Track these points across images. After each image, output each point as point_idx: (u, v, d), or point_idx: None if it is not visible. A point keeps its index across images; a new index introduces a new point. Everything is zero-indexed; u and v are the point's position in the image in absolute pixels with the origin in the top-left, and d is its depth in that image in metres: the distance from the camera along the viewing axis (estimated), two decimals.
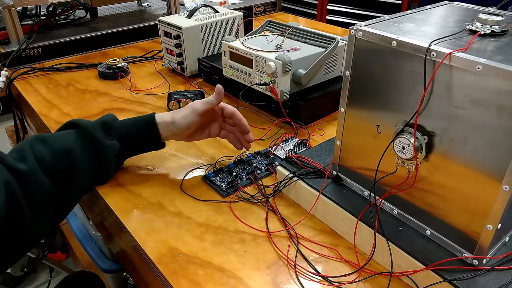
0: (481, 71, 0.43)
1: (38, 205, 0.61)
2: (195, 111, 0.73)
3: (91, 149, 0.67)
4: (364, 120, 0.59)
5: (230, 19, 1.16)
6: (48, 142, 0.65)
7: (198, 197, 0.71)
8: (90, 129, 0.68)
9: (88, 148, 0.67)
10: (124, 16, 1.60)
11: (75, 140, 0.66)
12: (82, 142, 0.67)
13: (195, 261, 0.59)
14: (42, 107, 1.02)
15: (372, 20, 0.57)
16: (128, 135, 0.72)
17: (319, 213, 0.66)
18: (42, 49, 1.28)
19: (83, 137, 0.67)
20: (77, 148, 0.66)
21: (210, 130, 0.78)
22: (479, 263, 0.51)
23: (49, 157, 0.63)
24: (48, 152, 0.63)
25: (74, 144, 0.66)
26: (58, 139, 0.66)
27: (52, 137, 0.66)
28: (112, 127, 0.70)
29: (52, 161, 0.63)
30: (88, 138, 0.67)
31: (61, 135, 0.68)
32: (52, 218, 0.64)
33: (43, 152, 0.63)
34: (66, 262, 1.64)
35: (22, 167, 0.60)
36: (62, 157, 0.64)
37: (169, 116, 0.73)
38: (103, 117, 0.72)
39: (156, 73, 1.20)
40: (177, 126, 0.73)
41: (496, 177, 0.46)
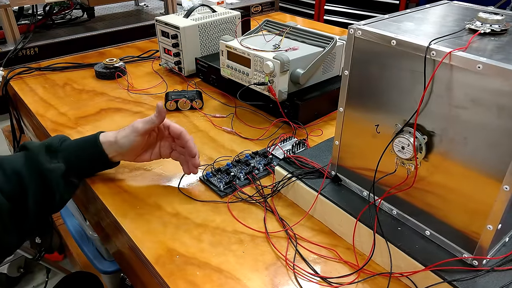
0: (482, 70, 0.43)
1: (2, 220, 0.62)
2: (135, 130, 0.69)
3: (36, 171, 0.66)
4: (363, 119, 0.58)
5: (227, 18, 1.16)
6: (1, 164, 0.65)
7: (195, 198, 0.70)
8: (34, 152, 0.67)
9: (34, 171, 0.66)
10: (121, 15, 1.59)
11: (23, 163, 0.66)
12: (29, 165, 0.66)
13: (193, 262, 0.58)
14: (39, 107, 1.01)
15: (371, 19, 0.56)
16: (74, 156, 0.69)
17: (317, 213, 0.66)
18: (38, 49, 1.27)
19: (29, 160, 0.67)
20: (25, 170, 0.65)
21: (160, 150, 0.75)
22: (479, 264, 0.51)
23: (2, 179, 0.63)
24: (1, 174, 0.64)
25: (21, 166, 0.65)
26: (11, 161, 0.66)
27: (6, 160, 0.66)
28: (57, 149, 0.69)
29: (4, 182, 0.63)
30: (33, 160, 0.66)
31: (14, 157, 0.68)
32: (17, 231, 0.64)
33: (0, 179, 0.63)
34: (63, 263, 1.64)
35: None
36: (13, 179, 0.64)
37: (112, 136, 0.71)
38: (49, 139, 0.71)
39: (153, 73, 1.19)
40: (120, 146, 0.70)
41: (496, 177, 0.45)
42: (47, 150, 0.68)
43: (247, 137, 0.87)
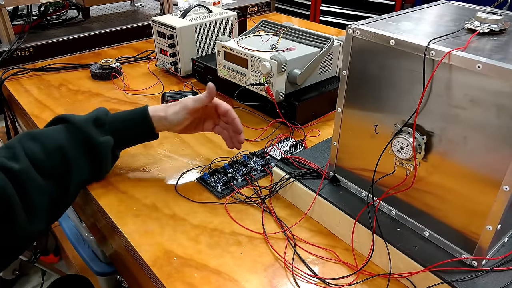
0: (481, 70, 0.42)
1: (33, 205, 0.59)
2: (186, 108, 0.72)
3: (84, 145, 0.66)
4: (361, 120, 0.58)
5: (224, 19, 1.15)
6: (39, 139, 0.63)
7: (193, 199, 0.70)
8: (81, 125, 0.66)
9: (81, 145, 0.65)
10: (117, 16, 1.58)
11: (66, 137, 0.65)
12: (74, 139, 0.65)
13: (190, 263, 0.58)
14: (34, 108, 1.00)
15: (369, 19, 0.56)
16: (122, 129, 0.71)
17: (316, 214, 0.65)
18: (33, 49, 1.27)
19: (74, 133, 0.66)
20: (69, 145, 0.64)
21: (204, 125, 0.78)
22: (478, 264, 0.51)
23: (42, 155, 0.61)
24: (40, 150, 0.61)
25: (65, 141, 0.64)
26: (49, 135, 0.64)
27: (43, 134, 0.64)
28: (105, 122, 0.69)
29: (45, 159, 0.61)
30: (80, 134, 0.66)
31: (52, 131, 0.66)
32: (48, 217, 0.63)
33: (34, 149, 0.61)
34: (59, 265, 1.62)
35: (14, 166, 0.58)
36: (55, 155, 0.62)
37: (162, 111, 0.72)
38: (95, 112, 0.70)
39: (149, 74, 1.19)
40: (169, 121, 0.72)
41: (495, 177, 0.45)
42: (95, 123, 0.68)
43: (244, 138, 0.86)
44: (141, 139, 0.76)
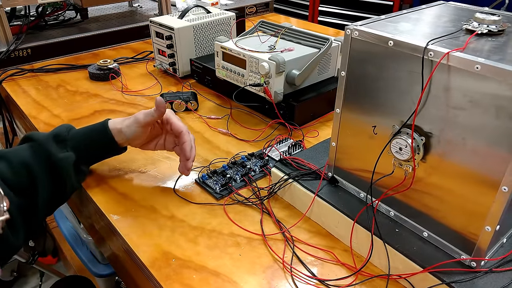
0: (480, 70, 0.42)
1: (12, 219, 0.59)
2: (137, 121, 0.70)
3: (46, 162, 0.65)
4: (360, 121, 0.58)
5: (222, 19, 1.15)
6: (6, 157, 0.64)
7: (191, 200, 0.69)
8: (42, 142, 0.66)
9: (43, 162, 0.65)
10: (115, 16, 1.58)
11: (29, 154, 0.65)
12: (37, 156, 0.65)
13: (189, 265, 0.57)
14: (32, 108, 1.00)
15: (368, 20, 0.56)
16: (83, 144, 0.69)
17: (314, 215, 0.65)
18: (31, 50, 1.26)
19: (37, 151, 0.66)
20: (34, 162, 0.64)
21: (165, 142, 0.75)
22: (477, 265, 0.50)
23: (9, 173, 0.62)
24: (7, 168, 0.62)
25: (30, 158, 0.65)
26: (16, 154, 0.65)
27: (10, 152, 0.65)
28: (65, 138, 0.68)
29: (12, 176, 0.62)
30: (42, 151, 0.66)
31: (18, 149, 0.67)
32: (24, 231, 0.63)
33: (2, 168, 0.62)
34: (57, 266, 1.62)
35: None
36: (21, 172, 0.63)
37: (119, 123, 0.71)
38: (56, 129, 0.70)
39: (147, 74, 1.19)
40: (125, 135, 0.71)
41: (494, 178, 0.45)
42: (55, 139, 0.68)
43: (242, 139, 0.87)
44: (105, 153, 0.74)
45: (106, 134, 0.70)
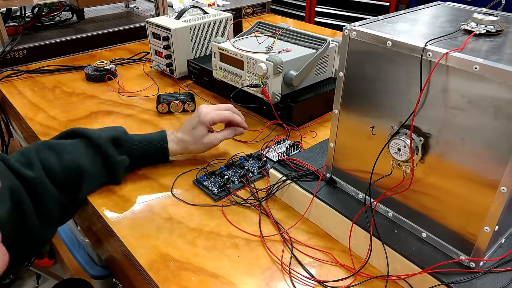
0: (479, 71, 0.42)
1: (46, 213, 0.61)
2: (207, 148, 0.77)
3: (102, 162, 0.68)
4: (358, 121, 0.58)
5: (219, 20, 1.15)
6: (57, 150, 0.65)
7: (189, 202, 0.69)
8: (101, 143, 0.68)
9: (99, 162, 0.68)
10: (111, 17, 1.58)
11: (84, 153, 0.67)
12: (93, 156, 0.67)
13: (187, 267, 0.57)
14: (28, 110, 0.99)
15: (365, 20, 0.56)
16: (138, 154, 0.73)
17: (313, 216, 0.65)
18: (27, 51, 1.25)
19: (93, 150, 0.68)
20: (87, 161, 0.66)
21: None
22: (476, 266, 0.50)
23: (57, 167, 0.63)
24: (56, 162, 0.63)
25: (83, 156, 0.66)
26: (67, 149, 0.66)
27: (60, 146, 0.66)
28: (123, 144, 0.71)
29: (60, 171, 0.63)
30: (100, 152, 0.68)
31: (70, 145, 0.68)
32: (57, 224, 0.65)
33: (51, 160, 0.63)
34: (54, 268, 1.61)
35: (29, 173, 0.60)
36: (70, 169, 0.65)
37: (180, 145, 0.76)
38: (114, 132, 0.72)
39: (144, 75, 1.18)
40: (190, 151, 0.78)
41: (493, 178, 0.45)
42: (114, 143, 0.70)
43: (240, 140, 0.86)
44: (153, 163, 0.78)
45: (163, 152, 0.75)
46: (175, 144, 0.75)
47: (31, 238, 0.60)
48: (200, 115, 0.74)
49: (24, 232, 0.58)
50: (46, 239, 0.65)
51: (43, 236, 0.62)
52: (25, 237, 0.59)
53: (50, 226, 0.63)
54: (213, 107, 0.77)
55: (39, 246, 0.65)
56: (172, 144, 0.75)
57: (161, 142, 0.75)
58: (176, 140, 0.76)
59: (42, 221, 0.60)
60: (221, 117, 0.76)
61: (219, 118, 0.76)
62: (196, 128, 0.75)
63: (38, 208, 0.60)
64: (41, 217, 0.60)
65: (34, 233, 0.60)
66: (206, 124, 0.74)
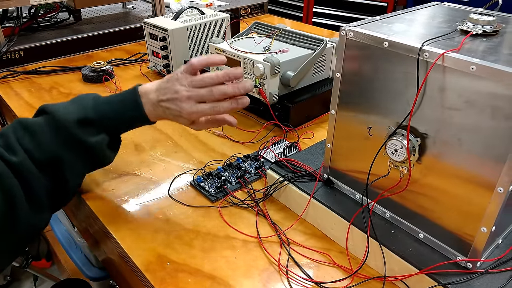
0: (475, 71, 0.42)
1: (35, 196, 0.58)
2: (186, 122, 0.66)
3: (75, 147, 0.61)
4: (355, 122, 0.58)
5: (216, 20, 1.15)
6: (31, 129, 0.60)
7: (186, 203, 0.69)
8: (67, 126, 0.61)
9: (72, 146, 0.61)
10: (108, 18, 1.57)
11: (52, 136, 0.61)
12: (64, 141, 0.61)
13: (184, 268, 0.57)
14: (24, 111, 0.99)
15: (362, 21, 0.56)
16: (114, 124, 0.64)
17: (310, 217, 0.65)
18: (24, 52, 1.25)
19: (62, 135, 0.61)
20: (60, 146, 0.61)
21: None
22: (473, 266, 0.50)
23: (34, 147, 0.59)
24: (32, 142, 0.59)
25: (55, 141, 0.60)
26: (40, 128, 0.61)
27: (34, 125, 0.61)
28: (93, 121, 0.62)
29: (37, 151, 0.59)
30: (67, 135, 0.61)
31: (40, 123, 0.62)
32: (50, 205, 0.62)
33: (28, 143, 0.59)
34: (51, 270, 1.61)
35: (13, 159, 0.57)
36: (48, 153, 0.60)
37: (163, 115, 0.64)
38: (80, 111, 0.63)
39: (141, 76, 1.18)
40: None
41: (490, 179, 0.45)
42: (83, 123, 0.62)
43: (238, 141, 0.86)
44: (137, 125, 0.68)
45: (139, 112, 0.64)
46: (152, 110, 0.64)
47: (22, 224, 0.57)
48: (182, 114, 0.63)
49: (15, 218, 0.56)
50: (39, 226, 0.61)
51: (36, 220, 0.59)
52: (16, 221, 0.57)
53: (41, 211, 0.59)
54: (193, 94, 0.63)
55: (32, 233, 0.61)
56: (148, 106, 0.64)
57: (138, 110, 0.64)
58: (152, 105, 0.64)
59: (32, 205, 0.58)
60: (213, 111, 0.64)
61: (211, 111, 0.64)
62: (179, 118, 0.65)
63: (26, 193, 0.57)
64: (31, 201, 0.58)
65: (25, 218, 0.57)
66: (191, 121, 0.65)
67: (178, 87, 0.64)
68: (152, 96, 0.64)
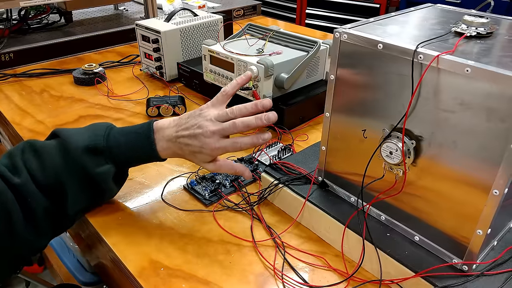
0: (470, 73, 0.42)
1: (35, 219, 0.58)
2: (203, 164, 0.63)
3: (79, 174, 0.60)
4: (349, 124, 0.57)
5: (209, 22, 1.14)
6: (40, 153, 0.60)
7: (180, 207, 0.68)
8: (76, 155, 0.60)
9: (76, 173, 0.60)
10: (100, 20, 1.56)
11: (61, 162, 0.60)
12: (68, 165, 0.60)
13: (178, 274, 0.56)
14: (15, 115, 0.97)
15: (356, 23, 0.56)
16: (124, 157, 0.62)
17: (305, 220, 0.65)
18: (14, 54, 1.23)
19: (68, 161, 0.60)
20: (64, 169, 0.60)
21: None
22: (469, 269, 0.50)
23: (40, 170, 0.59)
24: (39, 165, 0.59)
25: (60, 165, 0.60)
26: (49, 152, 0.60)
27: (44, 148, 0.61)
28: (103, 151, 0.61)
29: (42, 175, 0.59)
30: (75, 163, 0.60)
31: (50, 147, 0.61)
32: (49, 231, 0.61)
33: (33, 164, 0.59)
34: (43, 275, 1.59)
35: (15, 180, 0.57)
36: (51, 174, 0.59)
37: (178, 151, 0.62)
38: (91, 138, 0.61)
39: (134, 78, 1.17)
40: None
41: (485, 181, 0.45)
42: (92, 152, 0.60)
43: None
44: (147, 161, 0.66)
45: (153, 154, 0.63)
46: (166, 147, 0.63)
47: (19, 246, 0.58)
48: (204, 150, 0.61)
49: (12, 239, 0.56)
50: (35, 246, 0.61)
51: (32, 240, 0.59)
52: (13, 244, 0.57)
53: (40, 233, 0.59)
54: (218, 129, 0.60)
55: (30, 254, 0.62)
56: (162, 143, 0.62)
57: (149, 146, 0.62)
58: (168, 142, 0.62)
59: (31, 228, 0.58)
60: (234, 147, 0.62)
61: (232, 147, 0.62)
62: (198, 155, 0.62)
63: (26, 215, 0.57)
64: (30, 224, 0.58)
65: (22, 240, 0.57)
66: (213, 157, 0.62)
67: (203, 122, 0.61)
68: (168, 132, 0.62)
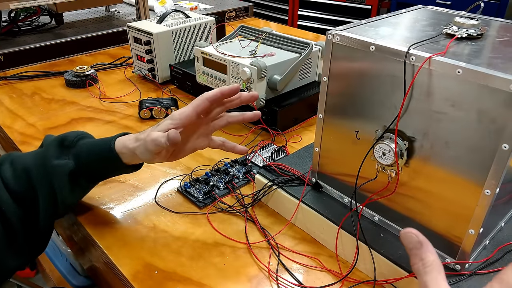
0: (461, 75, 0.43)
1: (12, 230, 0.55)
2: (148, 151, 0.58)
3: (43, 168, 0.58)
4: (342, 126, 0.58)
5: (202, 24, 1.14)
6: (13, 160, 0.59)
7: (173, 210, 0.68)
8: (46, 143, 0.60)
9: (42, 167, 0.58)
10: (91, 22, 1.55)
11: (32, 158, 0.59)
12: (38, 161, 0.58)
13: (172, 277, 0.56)
14: (5, 118, 0.96)
15: (349, 24, 0.56)
16: (85, 156, 0.60)
17: (299, 221, 0.65)
18: (4, 57, 1.22)
19: (39, 154, 0.59)
20: (34, 167, 0.58)
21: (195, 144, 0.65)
22: (462, 268, 0.51)
23: (11, 177, 0.57)
24: (11, 172, 0.57)
25: (31, 162, 0.58)
26: (23, 157, 0.59)
27: (18, 156, 0.60)
28: (70, 145, 0.59)
29: (13, 181, 0.57)
30: (42, 156, 0.58)
31: (28, 153, 0.61)
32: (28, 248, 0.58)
33: (6, 171, 0.57)
34: (35, 279, 1.57)
35: None
36: (21, 177, 0.57)
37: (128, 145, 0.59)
38: (67, 133, 0.61)
39: (126, 81, 1.16)
40: (140, 158, 0.60)
41: (477, 181, 0.45)
42: (60, 144, 0.59)
43: None
44: (112, 172, 0.65)
45: (111, 154, 0.60)
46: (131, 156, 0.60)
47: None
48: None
49: None
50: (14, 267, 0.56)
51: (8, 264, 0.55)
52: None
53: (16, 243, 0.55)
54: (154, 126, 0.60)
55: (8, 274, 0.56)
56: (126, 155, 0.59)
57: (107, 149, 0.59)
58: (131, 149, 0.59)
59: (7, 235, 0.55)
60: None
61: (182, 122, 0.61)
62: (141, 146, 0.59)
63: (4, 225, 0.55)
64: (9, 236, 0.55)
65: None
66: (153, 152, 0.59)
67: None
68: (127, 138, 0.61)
